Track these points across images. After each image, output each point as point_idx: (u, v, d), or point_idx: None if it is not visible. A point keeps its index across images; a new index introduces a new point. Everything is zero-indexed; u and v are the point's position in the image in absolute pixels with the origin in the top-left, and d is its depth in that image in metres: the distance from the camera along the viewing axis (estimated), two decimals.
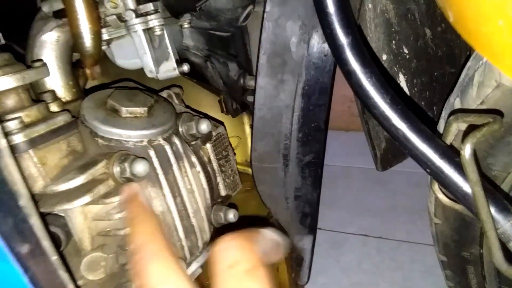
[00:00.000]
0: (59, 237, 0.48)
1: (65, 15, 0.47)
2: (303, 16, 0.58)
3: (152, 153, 0.49)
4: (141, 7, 0.52)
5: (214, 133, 0.60)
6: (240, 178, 0.71)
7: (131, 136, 0.48)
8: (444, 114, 0.46)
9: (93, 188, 0.45)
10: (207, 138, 0.59)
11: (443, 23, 0.65)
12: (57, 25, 0.52)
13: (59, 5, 0.51)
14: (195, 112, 0.61)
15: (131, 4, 0.52)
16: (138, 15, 0.51)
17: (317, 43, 0.60)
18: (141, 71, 0.60)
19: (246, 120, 0.82)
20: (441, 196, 0.46)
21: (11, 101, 0.44)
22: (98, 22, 0.46)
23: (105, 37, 0.54)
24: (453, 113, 0.39)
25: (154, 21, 0.51)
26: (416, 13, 0.60)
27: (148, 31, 0.52)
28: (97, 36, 0.46)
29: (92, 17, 0.45)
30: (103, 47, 0.53)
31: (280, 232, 0.37)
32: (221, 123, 0.64)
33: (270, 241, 0.37)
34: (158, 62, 0.52)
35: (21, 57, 0.54)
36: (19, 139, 0.41)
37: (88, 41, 0.46)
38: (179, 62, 0.57)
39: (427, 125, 0.37)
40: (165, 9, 0.55)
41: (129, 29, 0.51)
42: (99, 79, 0.61)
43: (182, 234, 0.52)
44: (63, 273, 0.30)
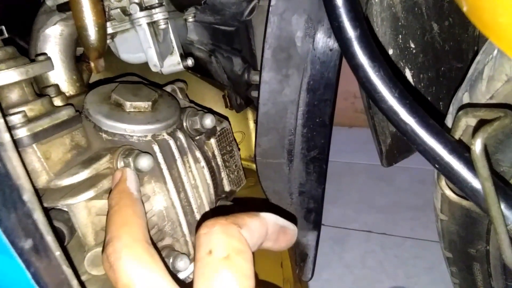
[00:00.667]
0: (63, 232, 0.48)
1: (69, 8, 0.47)
2: (308, 10, 0.58)
3: (156, 148, 0.49)
4: (146, 0, 0.52)
5: (218, 128, 0.60)
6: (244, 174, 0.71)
7: (135, 131, 0.48)
8: (452, 109, 0.46)
9: (97, 183, 0.44)
10: (211, 133, 0.59)
11: (450, 18, 0.64)
12: (60, 18, 0.51)
13: None
14: (199, 107, 0.61)
15: None
16: (143, 9, 0.50)
17: (323, 37, 0.60)
18: (144, 65, 0.59)
19: (250, 116, 0.81)
20: (448, 192, 0.46)
21: (14, 95, 0.44)
22: (103, 14, 0.46)
23: (109, 30, 0.53)
24: (462, 108, 0.38)
25: (159, 15, 0.50)
26: (423, 7, 0.59)
27: (153, 24, 0.51)
28: (102, 28, 0.46)
29: (96, 9, 0.45)
30: (107, 41, 0.52)
31: (286, 218, 0.34)
32: (226, 118, 0.63)
33: (274, 226, 0.34)
34: (162, 56, 0.52)
35: (25, 51, 0.53)
36: (22, 133, 0.41)
37: (93, 33, 0.45)
38: (184, 56, 0.56)
39: (435, 120, 0.36)
40: (169, 2, 0.54)
41: (133, 22, 0.51)
42: (103, 73, 0.61)
43: (186, 230, 0.52)
44: (66, 269, 0.29)
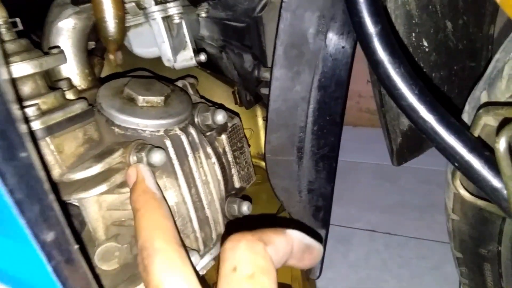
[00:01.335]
0: (73, 226, 0.47)
1: (84, 1, 0.46)
2: (321, 7, 0.57)
3: (168, 143, 0.48)
4: None
5: (229, 124, 0.59)
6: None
7: (147, 126, 0.48)
8: (469, 108, 0.45)
9: (109, 177, 0.44)
10: (222, 129, 0.58)
11: (465, 16, 0.63)
12: (74, 12, 0.51)
13: None
14: (210, 103, 0.61)
15: None
16: (157, 3, 0.50)
17: (335, 35, 0.59)
18: (155, 61, 0.59)
19: (259, 113, 0.81)
20: (462, 192, 0.46)
21: (28, 88, 0.44)
22: (122, 6, 0.46)
23: None
24: (482, 106, 0.38)
25: (173, 9, 0.50)
26: (437, 5, 0.59)
27: (167, 19, 0.51)
28: (121, 21, 0.45)
29: (116, 1, 0.44)
30: None
31: (311, 236, 0.34)
32: (236, 115, 0.63)
33: (299, 244, 0.33)
34: (175, 51, 0.52)
35: (38, 44, 0.53)
36: (36, 126, 0.41)
37: (112, 26, 0.45)
38: (196, 51, 0.56)
39: (456, 118, 0.36)
40: None
41: (147, 16, 0.50)
42: (114, 68, 0.61)
43: (196, 226, 0.51)
44: (83, 263, 0.29)
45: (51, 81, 0.51)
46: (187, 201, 0.50)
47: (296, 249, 0.33)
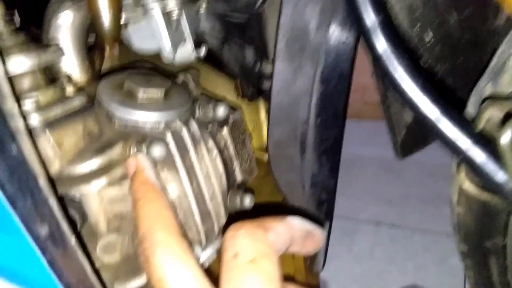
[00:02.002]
0: (74, 219, 0.47)
1: None
2: (323, 0, 0.56)
3: (169, 136, 0.48)
4: None
5: (231, 118, 0.59)
6: None
7: (148, 119, 0.47)
8: (473, 101, 0.44)
9: (110, 171, 0.44)
10: (224, 122, 0.58)
11: (468, 9, 0.62)
12: (73, 6, 0.50)
13: None
14: (212, 96, 0.60)
15: None
16: None
17: (337, 27, 0.59)
18: (156, 56, 0.58)
19: (261, 106, 0.80)
20: (467, 185, 0.45)
21: (26, 82, 0.44)
22: (118, 2, 0.45)
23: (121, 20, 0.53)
24: (486, 99, 0.37)
25: (172, 4, 0.50)
26: None
27: (166, 14, 0.50)
28: (116, 16, 0.45)
29: None
30: None
31: (313, 222, 0.34)
32: (238, 107, 0.62)
33: (300, 230, 0.34)
34: (175, 46, 0.51)
35: (37, 38, 0.53)
36: (35, 120, 0.41)
37: (107, 21, 0.45)
38: (196, 46, 0.56)
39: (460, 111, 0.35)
40: None
41: (146, 11, 0.50)
42: (114, 63, 0.60)
43: (198, 219, 0.51)
44: (81, 257, 0.29)
45: (50, 75, 0.50)
46: (188, 194, 0.50)
47: (297, 235, 0.34)
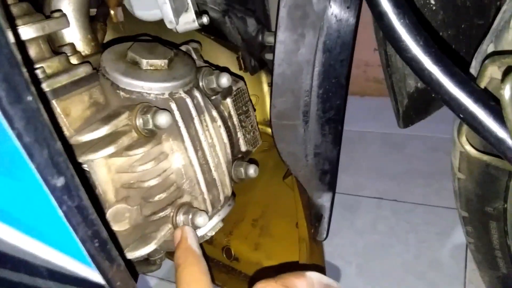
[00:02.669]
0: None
1: None
2: None
3: (173, 105, 0.49)
4: None
5: (234, 88, 0.59)
6: None
7: (152, 89, 0.48)
8: (475, 63, 0.45)
9: (116, 140, 0.45)
10: (227, 92, 0.58)
11: None
12: None
13: None
14: (215, 67, 0.60)
15: None
16: None
17: None
18: (159, 28, 0.58)
19: (264, 79, 0.80)
20: (468, 148, 0.46)
21: (32, 52, 0.44)
22: None
23: None
24: (488, 57, 0.37)
25: None
26: None
27: None
28: None
29: None
30: None
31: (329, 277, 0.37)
32: (241, 78, 0.63)
33: (319, 285, 0.36)
34: (177, 13, 0.51)
35: (40, 9, 0.53)
36: (43, 88, 0.41)
37: None
38: (198, 14, 0.55)
39: (461, 69, 0.35)
40: None
41: None
42: (117, 34, 0.60)
43: (204, 188, 0.52)
44: (93, 212, 0.30)
45: (54, 47, 0.51)
46: (194, 163, 0.51)
47: None
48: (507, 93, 0.29)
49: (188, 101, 0.50)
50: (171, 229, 0.50)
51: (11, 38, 0.18)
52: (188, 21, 0.54)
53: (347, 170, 1.58)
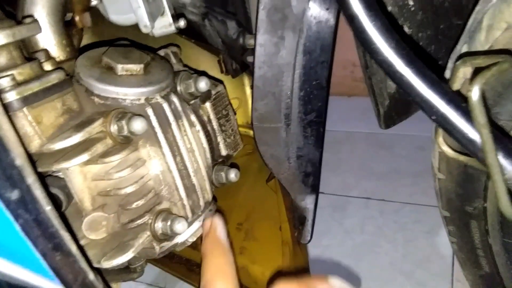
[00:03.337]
0: (60, 198, 0.47)
1: None
2: None
3: (150, 111, 0.48)
4: None
5: (213, 92, 0.59)
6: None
7: (127, 94, 0.47)
8: (451, 64, 0.45)
9: (90, 147, 0.44)
10: (206, 96, 0.58)
11: None
12: None
13: None
14: (194, 71, 0.60)
15: None
16: None
17: None
18: (138, 31, 0.58)
19: (246, 81, 0.80)
20: (445, 149, 0.46)
21: (2, 59, 0.43)
22: None
23: None
24: (460, 57, 0.37)
25: None
26: None
27: None
28: None
29: None
30: (95, 2, 0.51)
31: (348, 283, 0.38)
32: (221, 82, 0.62)
33: None
34: (153, 17, 0.50)
35: (12, 15, 0.52)
36: (12, 97, 0.40)
37: None
38: (175, 17, 0.55)
39: (436, 74, 0.35)
40: None
41: None
42: (94, 38, 0.59)
43: (183, 193, 0.52)
44: (64, 233, 0.29)
45: (28, 53, 0.50)
46: (172, 169, 0.50)
47: None
48: (475, 94, 0.29)
49: (165, 106, 0.50)
50: (149, 236, 0.49)
51: None
52: (165, 25, 0.53)
53: (335, 171, 1.58)
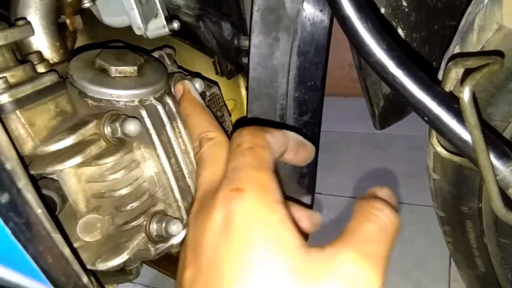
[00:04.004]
0: (54, 201, 0.47)
1: None
2: None
3: (144, 113, 0.48)
4: None
5: (208, 93, 0.59)
6: None
7: (121, 96, 0.47)
8: (444, 65, 0.45)
9: (84, 149, 0.44)
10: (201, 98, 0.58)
11: None
12: None
13: None
14: (189, 73, 0.60)
15: None
16: None
17: None
18: (132, 33, 0.58)
19: (241, 83, 0.80)
20: (439, 149, 0.46)
21: None
22: None
23: None
24: (452, 58, 0.38)
25: None
26: None
27: None
28: None
29: None
30: (88, 4, 0.51)
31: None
32: (215, 84, 0.62)
33: (294, 140, 0.41)
34: (146, 19, 0.50)
35: (5, 18, 0.52)
36: (4, 99, 0.40)
37: None
38: (169, 19, 0.55)
39: (428, 76, 0.35)
40: None
41: None
42: (88, 40, 0.59)
43: (178, 195, 0.52)
44: (56, 236, 0.29)
45: (21, 55, 0.50)
46: (167, 170, 0.50)
47: (291, 143, 0.40)
48: (466, 95, 0.29)
49: (159, 107, 0.49)
50: (144, 238, 0.49)
51: None
52: (158, 26, 0.53)
53: (331, 171, 1.58)
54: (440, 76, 0.47)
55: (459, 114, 0.32)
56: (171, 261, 0.85)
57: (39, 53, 0.50)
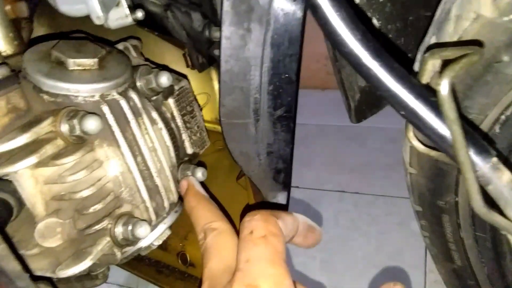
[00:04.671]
0: (10, 204, 0.44)
1: None
2: None
3: (105, 108, 0.45)
4: None
5: (176, 87, 0.56)
6: (210, 136, 0.68)
7: (80, 91, 0.44)
8: (420, 56, 0.43)
9: (39, 148, 0.40)
10: (169, 92, 0.55)
11: None
12: None
13: None
14: (155, 65, 0.57)
15: None
16: None
17: None
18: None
19: (214, 76, 0.77)
20: (416, 144, 0.44)
21: None
22: None
23: None
24: (429, 49, 0.36)
25: None
26: None
27: None
28: None
29: None
30: None
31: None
32: (184, 77, 0.59)
33: (303, 224, 0.41)
34: (106, 8, 0.47)
35: None
36: None
37: None
38: (133, 8, 0.51)
39: (404, 67, 0.33)
40: None
41: None
42: (46, 30, 0.55)
43: (145, 195, 0.49)
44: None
45: None
46: (132, 170, 0.47)
47: (301, 227, 0.41)
48: (444, 88, 0.27)
49: (123, 103, 0.46)
50: (109, 242, 0.46)
51: None
52: (121, 16, 0.50)
53: (308, 165, 1.58)
54: (416, 67, 0.46)
55: (436, 108, 0.31)
56: (143, 262, 0.82)
57: None
